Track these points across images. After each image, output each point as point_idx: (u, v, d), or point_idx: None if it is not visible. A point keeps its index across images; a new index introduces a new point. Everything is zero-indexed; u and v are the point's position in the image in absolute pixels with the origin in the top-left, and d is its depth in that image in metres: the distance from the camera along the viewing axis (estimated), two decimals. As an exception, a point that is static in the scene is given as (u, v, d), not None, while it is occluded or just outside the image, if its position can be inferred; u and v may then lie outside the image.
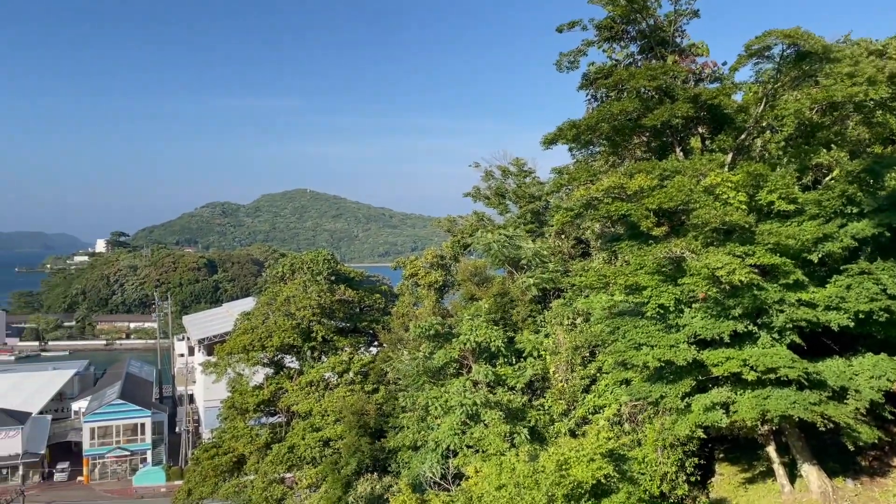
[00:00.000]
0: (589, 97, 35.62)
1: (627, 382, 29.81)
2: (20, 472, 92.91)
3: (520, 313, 40.98)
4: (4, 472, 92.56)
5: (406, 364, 40.14)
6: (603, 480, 21.45)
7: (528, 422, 34.03)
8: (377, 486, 39.82)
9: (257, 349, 54.13)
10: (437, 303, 51.50)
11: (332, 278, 59.18)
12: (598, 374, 33.95)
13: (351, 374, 51.44)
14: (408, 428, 38.22)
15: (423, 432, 36.97)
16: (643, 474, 28.52)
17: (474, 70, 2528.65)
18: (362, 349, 56.70)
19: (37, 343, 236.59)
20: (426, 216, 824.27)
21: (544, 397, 36.14)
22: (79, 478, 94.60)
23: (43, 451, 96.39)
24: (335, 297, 56.31)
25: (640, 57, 34.22)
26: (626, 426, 31.25)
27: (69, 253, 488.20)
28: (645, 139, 33.20)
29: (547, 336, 37.57)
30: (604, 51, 34.34)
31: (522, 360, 37.83)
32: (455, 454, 32.96)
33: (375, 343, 58.75)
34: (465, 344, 36.95)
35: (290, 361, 57.70)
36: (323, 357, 56.00)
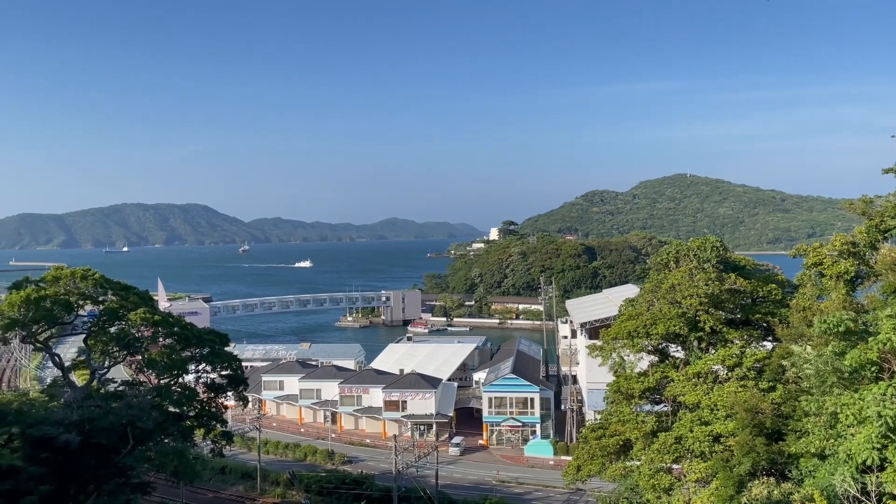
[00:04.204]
0: None
1: None
2: (434, 429, 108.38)
3: (964, 312, 33.73)
4: (421, 428, 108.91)
5: (810, 363, 36.12)
6: None
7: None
8: (775, 491, 36.77)
9: (641, 336, 54.11)
10: (848, 296, 45.36)
11: (721, 266, 56.35)
12: None
13: (743, 368, 48.23)
14: (812, 434, 34.45)
15: (831, 441, 32.97)
16: None
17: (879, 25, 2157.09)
18: (754, 343, 52.80)
19: (444, 319, 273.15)
20: (826, 198, 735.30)
21: None
22: (479, 441, 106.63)
23: (451, 414, 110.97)
24: (724, 287, 53.52)
25: None
26: None
27: (468, 240, 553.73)
28: None
29: None
30: None
31: (969, 368, 31.14)
32: (881, 468, 28.65)
33: (770, 337, 54.26)
34: (884, 344, 31.81)
35: (675, 350, 56.54)
36: (710, 349, 53.70)
